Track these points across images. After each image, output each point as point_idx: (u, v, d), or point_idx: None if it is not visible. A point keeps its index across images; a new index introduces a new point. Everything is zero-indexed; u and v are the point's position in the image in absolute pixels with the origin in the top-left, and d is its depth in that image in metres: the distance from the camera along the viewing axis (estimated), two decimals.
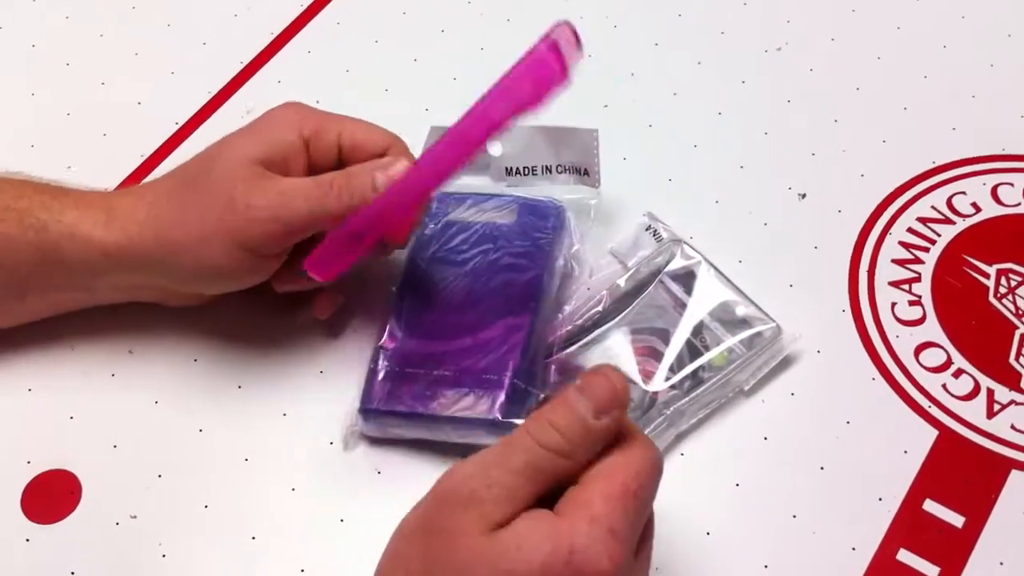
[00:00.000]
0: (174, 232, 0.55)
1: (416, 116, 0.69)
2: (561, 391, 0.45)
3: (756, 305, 0.60)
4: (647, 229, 0.64)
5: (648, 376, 0.58)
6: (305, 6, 0.76)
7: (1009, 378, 0.60)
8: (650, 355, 0.59)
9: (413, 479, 0.47)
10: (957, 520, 0.56)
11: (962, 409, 0.59)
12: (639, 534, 0.45)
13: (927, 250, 0.64)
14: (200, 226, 0.54)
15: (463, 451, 0.48)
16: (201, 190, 0.55)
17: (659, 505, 0.56)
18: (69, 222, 0.56)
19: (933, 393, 0.60)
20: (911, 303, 0.62)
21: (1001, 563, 0.55)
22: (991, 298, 0.62)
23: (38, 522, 0.57)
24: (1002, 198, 0.66)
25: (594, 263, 0.63)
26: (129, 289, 0.59)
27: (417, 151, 0.64)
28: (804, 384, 0.60)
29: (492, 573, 0.42)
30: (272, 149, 0.55)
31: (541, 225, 0.61)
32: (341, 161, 0.57)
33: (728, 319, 0.60)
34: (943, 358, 0.61)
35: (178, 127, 0.70)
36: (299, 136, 0.56)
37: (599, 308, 0.60)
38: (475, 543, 0.42)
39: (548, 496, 0.44)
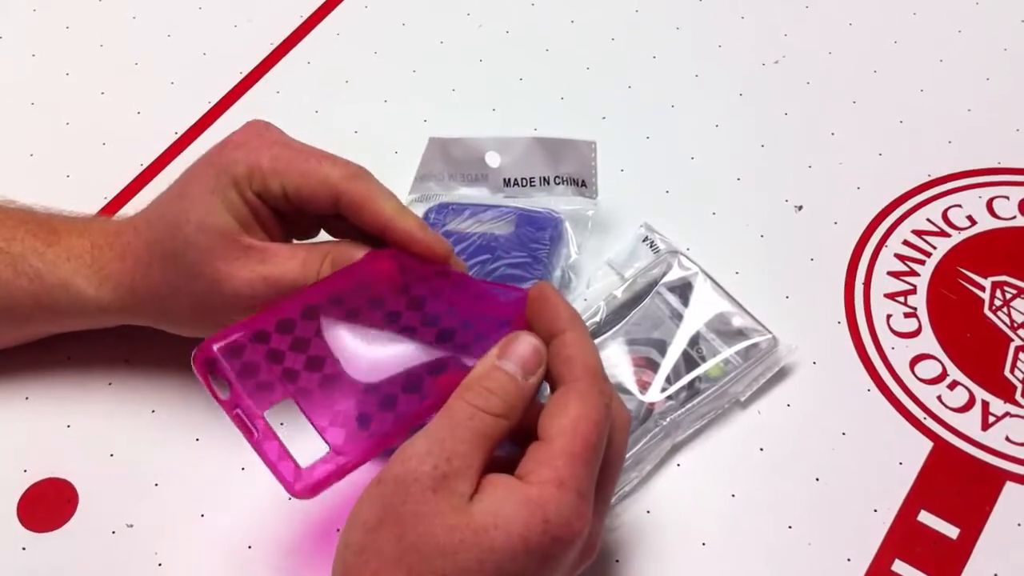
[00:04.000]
0: (166, 311, 0.56)
1: (415, 127, 0.69)
2: (483, 358, 0.47)
3: (752, 316, 0.60)
4: (644, 240, 0.64)
5: (645, 387, 0.58)
6: (305, 17, 0.76)
7: (1004, 390, 0.60)
8: (647, 366, 0.59)
9: None
10: (952, 531, 0.56)
11: (957, 421, 0.59)
12: (596, 479, 0.47)
13: (923, 262, 0.64)
14: (190, 308, 0.54)
15: None
16: (184, 269, 0.53)
17: (656, 515, 0.57)
18: (62, 276, 0.56)
19: (928, 405, 0.60)
20: (907, 315, 0.63)
21: (995, 574, 0.55)
22: (986, 310, 0.62)
23: (35, 531, 0.57)
24: (997, 211, 0.66)
25: (591, 274, 0.64)
26: (128, 323, 0.59)
27: (415, 163, 0.65)
28: (800, 395, 0.60)
29: (476, 553, 0.43)
30: (236, 212, 0.53)
31: (539, 236, 0.62)
32: (295, 207, 0.54)
33: (724, 330, 0.60)
34: (938, 370, 0.61)
35: (177, 137, 0.70)
36: (252, 193, 0.53)
37: (596, 319, 0.61)
38: (453, 524, 0.43)
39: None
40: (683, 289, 0.61)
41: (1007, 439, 0.59)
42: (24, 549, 0.56)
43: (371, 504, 0.45)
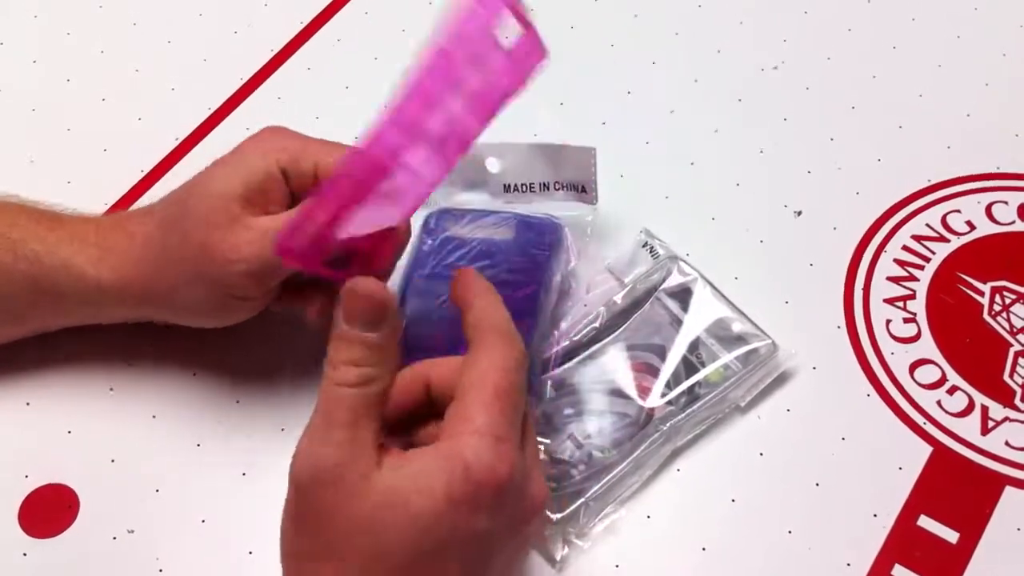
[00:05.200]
0: (159, 279, 0.55)
1: None
2: (333, 326, 0.45)
3: (752, 322, 0.60)
4: (644, 246, 0.64)
5: (645, 392, 0.58)
6: (305, 23, 0.76)
7: (1003, 395, 0.60)
8: (647, 371, 0.59)
9: None
10: (951, 536, 0.56)
11: (956, 426, 0.59)
12: (520, 428, 0.46)
13: (922, 268, 0.65)
14: (182, 275, 0.54)
15: None
16: (180, 236, 0.54)
17: (656, 520, 0.57)
18: (63, 256, 0.56)
19: (928, 410, 0.60)
20: (906, 320, 0.63)
21: None
22: (985, 316, 0.63)
23: (35, 536, 0.57)
24: (996, 216, 0.66)
25: (591, 279, 0.64)
26: (128, 317, 0.59)
27: None
28: (800, 400, 0.60)
29: (406, 523, 0.42)
30: (248, 182, 0.53)
31: (538, 241, 0.62)
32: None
33: (724, 335, 0.60)
34: (938, 375, 0.61)
35: (178, 143, 0.71)
36: (276, 166, 0.54)
37: (596, 324, 0.61)
38: (367, 503, 0.43)
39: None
40: (683, 294, 0.61)
41: (1006, 444, 0.59)
42: (25, 555, 0.56)
43: (285, 513, 0.46)
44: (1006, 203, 0.67)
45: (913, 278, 0.64)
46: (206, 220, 0.53)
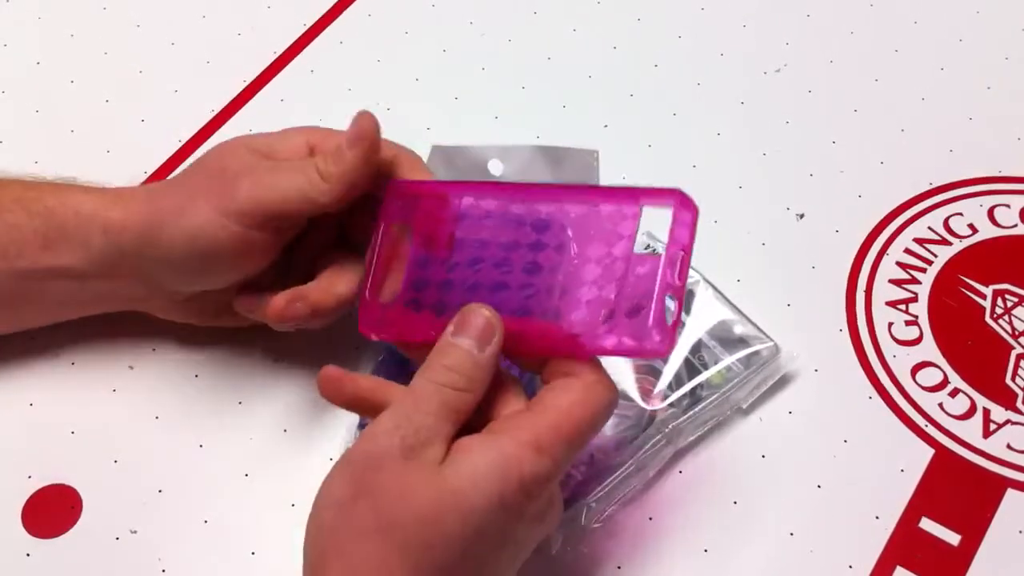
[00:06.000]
0: (164, 198, 0.55)
1: (418, 135, 0.69)
2: (441, 336, 0.48)
3: (754, 324, 0.60)
4: (646, 248, 0.64)
5: (647, 394, 0.58)
6: (308, 25, 0.77)
7: (1005, 398, 0.60)
8: (648, 373, 0.59)
9: None
10: (953, 538, 0.56)
11: (958, 428, 0.59)
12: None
13: (924, 271, 0.65)
14: (189, 191, 0.55)
15: None
16: (198, 165, 0.57)
17: (658, 522, 0.57)
18: (74, 203, 0.56)
19: (930, 412, 0.60)
20: (908, 323, 0.63)
21: None
22: (987, 318, 0.63)
23: (38, 537, 0.57)
24: (999, 219, 0.66)
25: None
26: (125, 293, 0.59)
27: None
28: (802, 403, 0.60)
29: (458, 517, 0.44)
30: (275, 146, 0.56)
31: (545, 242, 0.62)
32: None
33: (726, 338, 0.60)
34: (940, 377, 0.61)
35: (181, 144, 0.71)
36: (305, 141, 0.56)
37: None
38: (431, 493, 0.44)
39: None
40: (685, 296, 0.61)
41: (1008, 447, 0.59)
42: (28, 555, 0.56)
43: (342, 482, 0.46)
44: (1008, 206, 0.67)
45: (915, 281, 0.64)
46: (230, 153, 0.56)
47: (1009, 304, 0.63)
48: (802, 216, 0.67)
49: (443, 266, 0.53)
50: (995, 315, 0.63)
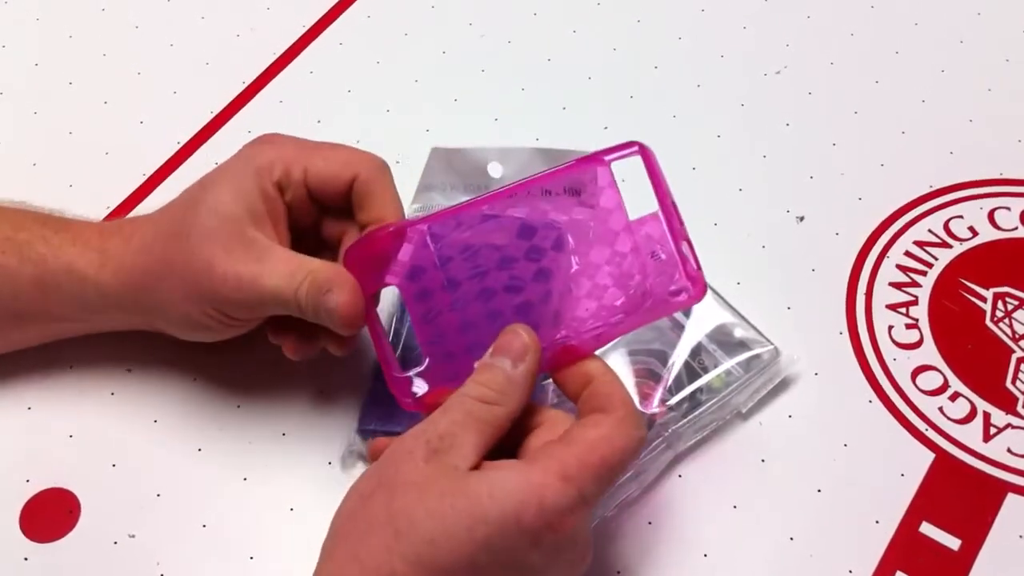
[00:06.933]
0: (159, 289, 0.55)
1: (417, 137, 0.69)
2: (488, 360, 0.49)
3: (754, 327, 0.60)
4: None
5: (646, 398, 0.58)
6: (308, 27, 0.76)
7: (1006, 402, 0.60)
8: (648, 377, 0.59)
9: None
10: (953, 543, 0.56)
11: (959, 432, 0.59)
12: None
13: (924, 273, 0.64)
14: (182, 287, 0.54)
15: None
16: (184, 247, 0.54)
17: (657, 526, 0.57)
18: (67, 259, 0.56)
19: (930, 416, 0.60)
20: (908, 326, 0.63)
21: None
22: (988, 322, 0.63)
23: (36, 541, 0.57)
24: (999, 222, 0.66)
25: None
26: (126, 325, 0.60)
27: (418, 173, 0.65)
28: (801, 406, 0.60)
29: (467, 520, 0.44)
30: (250, 203, 0.54)
31: (540, 247, 0.62)
32: (313, 199, 0.56)
33: (726, 341, 0.60)
34: (940, 381, 0.61)
35: (180, 146, 0.71)
36: (272, 184, 0.55)
37: None
38: (444, 489, 0.45)
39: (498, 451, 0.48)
40: None
41: (1009, 451, 0.59)
42: (26, 559, 0.56)
43: (367, 478, 0.48)
44: (1008, 209, 0.67)
45: (915, 284, 0.64)
46: (212, 237, 0.53)
47: (1010, 307, 0.63)
48: (802, 218, 0.67)
49: (451, 311, 0.53)
50: (995, 318, 0.63)
